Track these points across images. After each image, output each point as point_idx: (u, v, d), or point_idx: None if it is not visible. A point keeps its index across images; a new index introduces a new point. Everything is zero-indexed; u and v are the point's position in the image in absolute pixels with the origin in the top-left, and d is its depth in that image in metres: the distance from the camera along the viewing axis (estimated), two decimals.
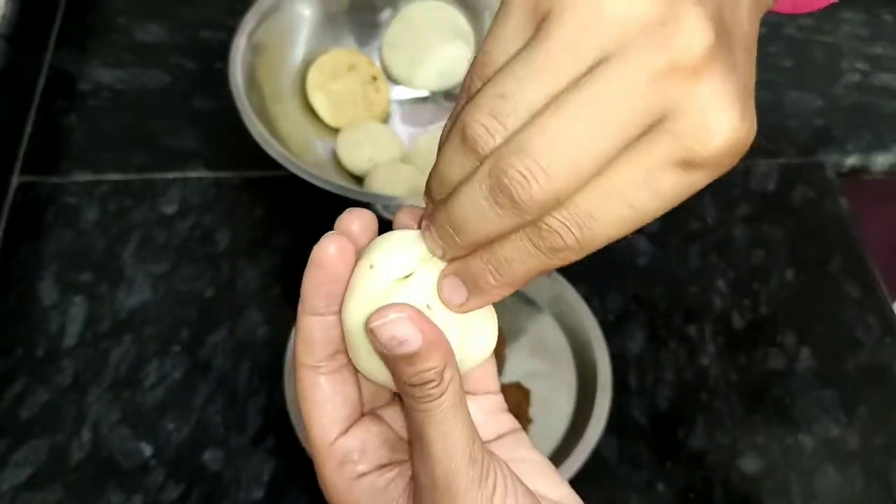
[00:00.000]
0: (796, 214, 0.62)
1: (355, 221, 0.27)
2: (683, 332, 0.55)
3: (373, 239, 0.27)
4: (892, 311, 0.57)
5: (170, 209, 0.58)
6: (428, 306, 0.25)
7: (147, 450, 0.48)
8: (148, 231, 0.57)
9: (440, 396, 0.24)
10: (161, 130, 0.62)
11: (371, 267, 0.25)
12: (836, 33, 0.74)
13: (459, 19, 0.62)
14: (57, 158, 0.60)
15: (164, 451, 0.48)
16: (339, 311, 0.26)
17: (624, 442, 0.50)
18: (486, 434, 0.28)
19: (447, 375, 0.24)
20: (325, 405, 0.27)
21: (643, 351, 0.54)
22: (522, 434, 0.29)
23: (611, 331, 0.52)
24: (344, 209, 0.29)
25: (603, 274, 0.57)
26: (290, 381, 0.46)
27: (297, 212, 0.58)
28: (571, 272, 0.54)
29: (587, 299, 0.52)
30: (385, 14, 0.63)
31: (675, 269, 0.58)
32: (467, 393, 0.27)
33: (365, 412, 0.28)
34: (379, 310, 0.23)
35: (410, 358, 0.23)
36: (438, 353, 0.24)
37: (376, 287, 0.25)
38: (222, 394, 0.50)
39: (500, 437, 0.29)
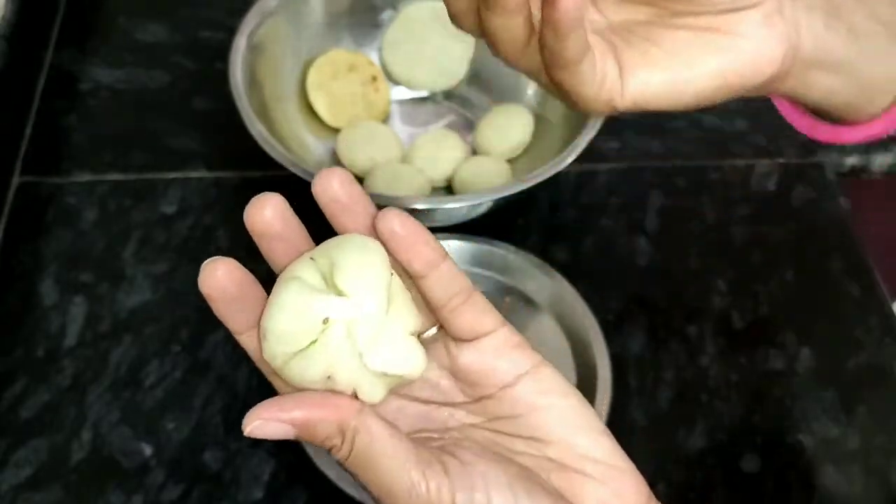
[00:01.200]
0: (796, 215, 0.62)
1: (266, 207, 0.28)
2: (683, 333, 0.55)
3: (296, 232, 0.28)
4: (892, 311, 0.57)
5: (170, 209, 0.58)
6: (329, 376, 0.25)
7: (147, 450, 0.48)
8: (148, 231, 0.57)
9: (350, 453, 0.25)
10: (161, 130, 0.62)
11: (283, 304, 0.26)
12: None
13: None
14: (57, 159, 0.60)
15: (164, 450, 0.48)
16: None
17: (624, 442, 0.50)
18: (499, 379, 0.27)
19: (347, 436, 0.24)
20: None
21: (643, 351, 0.54)
22: (547, 371, 0.27)
23: (610, 331, 0.52)
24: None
25: (603, 274, 0.57)
26: None
27: (297, 212, 0.58)
28: (571, 272, 0.54)
29: (587, 299, 0.52)
30: (385, 14, 0.63)
31: (674, 270, 0.58)
32: (462, 341, 0.27)
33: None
34: (248, 414, 0.25)
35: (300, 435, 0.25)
36: (321, 427, 0.24)
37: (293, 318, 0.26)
38: (222, 394, 0.50)
39: (518, 378, 0.27)
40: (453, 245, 0.54)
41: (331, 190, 0.27)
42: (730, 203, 0.62)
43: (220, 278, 0.26)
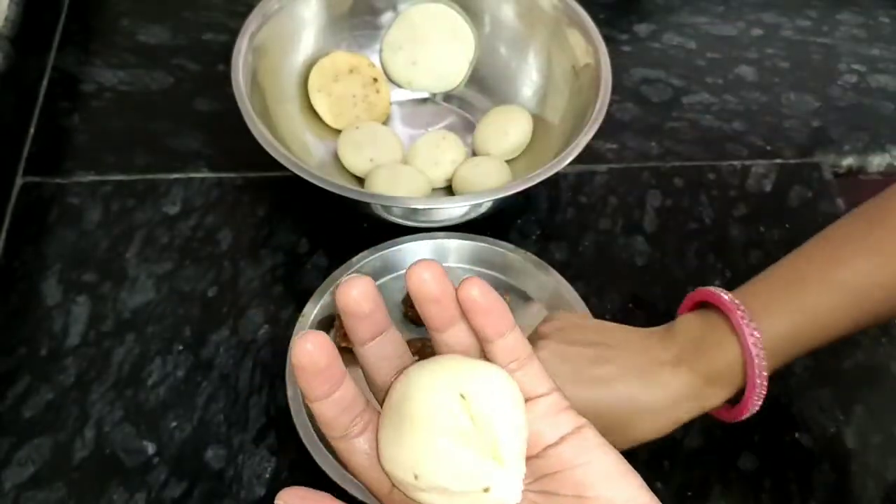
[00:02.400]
0: (793, 215, 0.62)
1: (353, 289, 0.28)
2: None
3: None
4: None
5: (172, 209, 0.58)
6: None
7: (150, 448, 0.48)
8: (150, 231, 0.57)
9: None
10: (164, 131, 0.63)
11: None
12: (832, 35, 0.75)
13: (459, 21, 0.62)
14: (60, 159, 0.61)
15: (167, 449, 0.48)
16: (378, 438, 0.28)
17: None
18: (544, 440, 0.28)
19: None
20: (370, 467, 0.29)
21: None
22: (590, 431, 0.28)
23: None
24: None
25: (601, 274, 0.57)
26: (292, 380, 0.47)
27: (298, 212, 0.59)
28: (570, 272, 0.55)
29: (585, 299, 0.52)
30: (385, 17, 0.63)
31: (672, 269, 0.59)
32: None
33: None
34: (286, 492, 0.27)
35: None
36: None
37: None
38: (224, 392, 0.51)
39: (562, 438, 0.28)
40: (453, 245, 0.54)
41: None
42: (727, 203, 0.62)
43: (312, 352, 0.27)
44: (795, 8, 0.77)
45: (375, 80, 0.62)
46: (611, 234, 0.60)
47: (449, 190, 0.60)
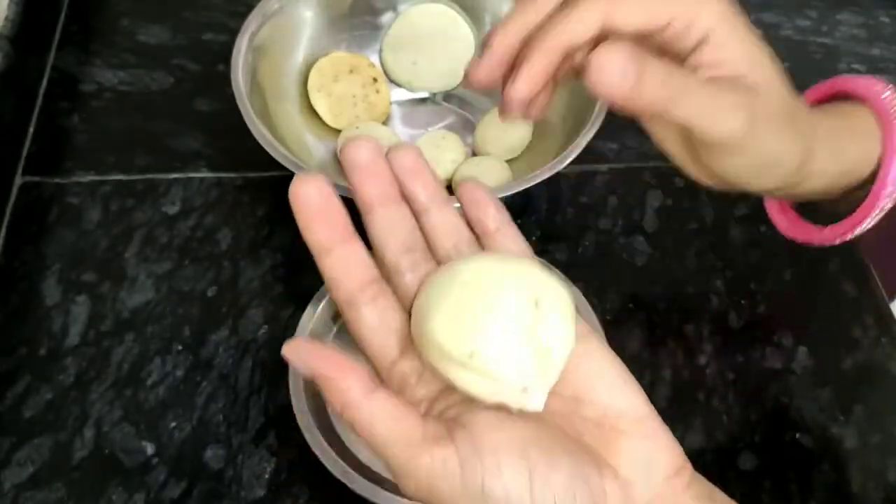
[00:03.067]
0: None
1: (362, 148, 0.29)
2: (681, 332, 0.55)
3: None
4: (889, 311, 0.58)
5: (172, 209, 0.58)
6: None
7: (149, 448, 0.48)
8: (150, 231, 0.57)
9: (353, 426, 0.26)
10: (163, 131, 0.63)
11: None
12: (833, 35, 0.75)
13: (460, 22, 0.62)
14: (59, 159, 0.61)
15: (166, 449, 0.48)
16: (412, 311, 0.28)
17: None
18: None
19: (347, 414, 0.26)
20: (373, 336, 0.29)
21: (641, 350, 0.54)
22: (595, 339, 0.29)
23: (609, 330, 0.52)
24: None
25: (601, 273, 0.57)
26: (296, 376, 0.47)
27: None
28: (570, 271, 0.55)
29: (585, 298, 0.52)
30: (386, 17, 0.63)
31: (672, 269, 0.59)
32: None
33: None
34: (291, 344, 0.28)
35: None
36: (328, 393, 0.26)
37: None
38: (224, 392, 0.51)
39: None
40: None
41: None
42: (728, 203, 0.62)
43: (309, 190, 0.27)
44: (795, 8, 0.77)
45: (375, 79, 0.62)
46: (611, 234, 0.60)
47: (449, 190, 0.60)
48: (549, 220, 0.60)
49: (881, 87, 0.38)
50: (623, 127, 0.66)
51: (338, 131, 0.61)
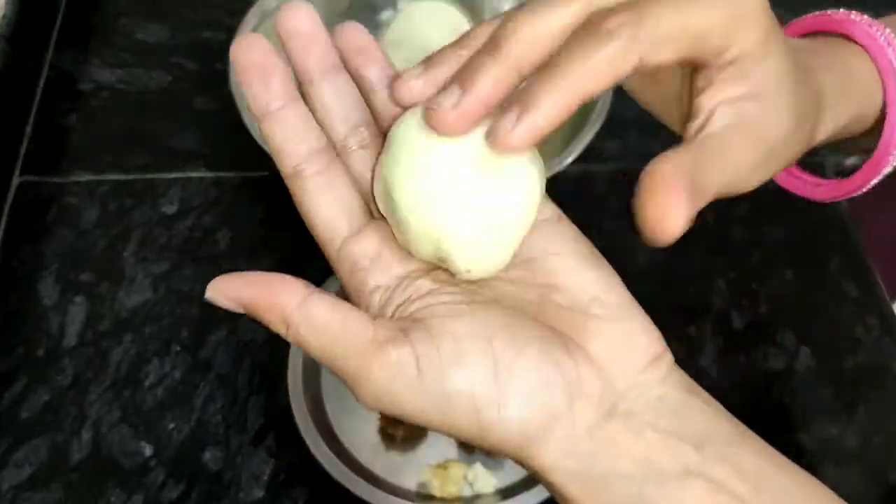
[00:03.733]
0: (796, 214, 0.62)
1: (300, 13, 0.27)
2: (683, 332, 0.55)
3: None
4: (891, 311, 0.57)
5: (170, 209, 0.58)
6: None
7: (147, 449, 0.48)
8: (148, 231, 0.57)
9: (298, 341, 0.24)
10: (162, 131, 0.62)
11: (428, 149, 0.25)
12: None
13: (460, 19, 0.62)
14: (57, 158, 0.60)
15: (165, 450, 0.48)
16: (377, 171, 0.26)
17: None
18: None
19: (291, 328, 0.24)
20: (319, 210, 0.27)
21: None
22: (565, 223, 0.27)
23: None
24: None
25: None
26: (295, 377, 0.46)
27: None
28: None
29: None
30: (385, 14, 0.63)
31: (674, 270, 0.58)
32: None
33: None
34: (211, 283, 0.26)
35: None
36: (264, 315, 0.25)
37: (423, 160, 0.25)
38: (222, 393, 0.50)
39: (538, 227, 0.27)
40: None
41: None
42: (729, 203, 0.62)
43: (248, 48, 0.26)
44: (799, 7, 0.76)
45: None
46: (613, 235, 0.59)
47: None
48: None
49: (880, 34, 0.34)
50: (624, 127, 0.66)
51: None
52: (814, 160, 0.67)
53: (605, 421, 0.24)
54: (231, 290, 0.25)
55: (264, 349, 0.52)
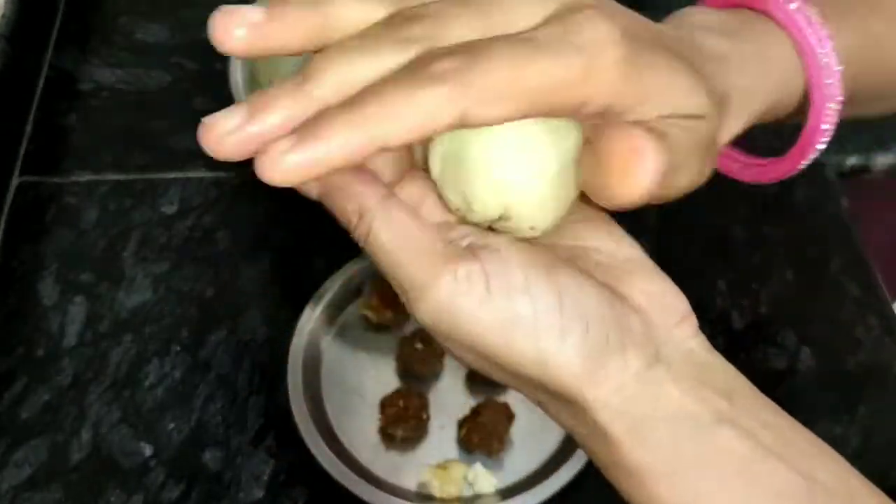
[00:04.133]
0: (797, 214, 0.62)
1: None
2: None
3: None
4: (892, 311, 0.57)
5: (170, 209, 0.58)
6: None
7: (147, 449, 0.48)
8: (148, 231, 0.57)
9: (367, 239, 0.23)
10: (161, 130, 0.62)
11: None
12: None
13: None
14: (57, 158, 0.60)
15: (164, 450, 0.48)
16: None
17: None
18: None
19: (364, 220, 0.23)
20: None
21: None
22: (601, 219, 0.27)
23: None
24: None
25: None
26: (295, 377, 0.46)
27: (296, 212, 0.58)
28: None
29: None
30: None
31: (674, 269, 0.58)
32: None
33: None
34: (275, 150, 0.22)
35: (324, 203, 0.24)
36: (339, 200, 0.24)
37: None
38: (222, 393, 0.50)
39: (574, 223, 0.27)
40: None
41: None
42: (730, 203, 0.62)
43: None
44: None
45: None
46: None
47: None
48: None
49: (799, 12, 0.31)
50: None
51: None
52: (814, 160, 0.67)
53: (650, 368, 0.25)
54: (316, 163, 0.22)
55: (264, 349, 0.52)
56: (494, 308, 0.23)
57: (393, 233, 0.23)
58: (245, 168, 0.68)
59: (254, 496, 0.47)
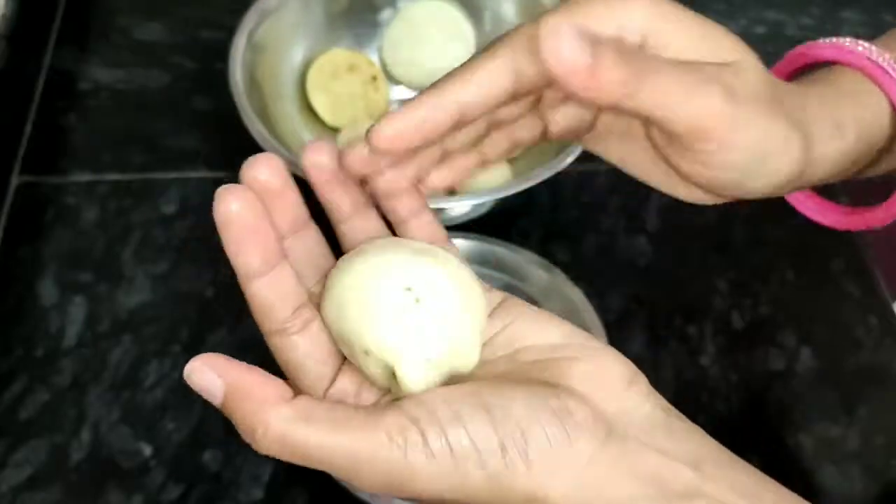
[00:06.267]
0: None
1: (262, 168, 0.27)
2: (684, 332, 0.55)
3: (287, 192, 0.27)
4: (892, 311, 0.57)
5: (170, 209, 0.58)
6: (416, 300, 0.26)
7: (147, 450, 0.48)
8: (148, 231, 0.57)
9: (266, 442, 0.24)
10: (161, 130, 0.62)
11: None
12: (836, 33, 0.74)
13: (460, 19, 0.62)
14: (57, 158, 0.60)
15: (164, 451, 0.48)
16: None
17: None
18: None
19: (269, 419, 0.24)
20: (305, 364, 0.27)
21: (643, 351, 0.54)
22: (512, 300, 0.29)
23: (611, 331, 0.52)
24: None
25: (603, 274, 0.57)
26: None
27: None
28: (572, 272, 0.54)
29: (587, 299, 0.52)
30: (385, 14, 0.63)
31: (675, 269, 0.58)
32: None
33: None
34: (194, 359, 0.26)
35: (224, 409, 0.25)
36: (236, 414, 0.25)
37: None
38: None
39: (490, 315, 0.28)
40: (455, 244, 0.54)
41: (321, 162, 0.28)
42: (730, 202, 0.62)
43: (238, 207, 0.25)
44: (798, 6, 0.76)
45: (375, 78, 0.62)
46: (613, 234, 0.60)
47: (450, 189, 0.60)
48: (551, 220, 0.60)
49: (853, 45, 0.34)
50: None
51: (337, 130, 0.61)
52: None
53: (604, 447, 0.24)
54: (213, 375, 0.26)
55: (263, 350, 0.52)
56: (435, 453, 0.23)
57: (308, 444, 0.24)
58: None
59: (254, 496, 0.47)
